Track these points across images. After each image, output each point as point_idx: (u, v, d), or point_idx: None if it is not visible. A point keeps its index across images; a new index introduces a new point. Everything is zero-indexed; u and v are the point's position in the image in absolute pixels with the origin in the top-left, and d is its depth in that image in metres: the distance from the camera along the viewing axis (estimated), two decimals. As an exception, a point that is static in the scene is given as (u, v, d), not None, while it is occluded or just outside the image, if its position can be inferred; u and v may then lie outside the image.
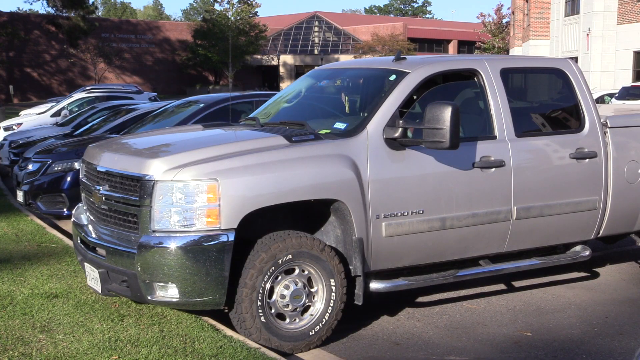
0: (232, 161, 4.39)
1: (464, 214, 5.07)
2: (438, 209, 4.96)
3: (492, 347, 4.84)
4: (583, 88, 5.79)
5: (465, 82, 5.58)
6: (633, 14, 30.80)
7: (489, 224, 5.20)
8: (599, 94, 24.72)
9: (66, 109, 16.76)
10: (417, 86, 5.10)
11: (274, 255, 4.44)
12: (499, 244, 5.36)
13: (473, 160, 5.10)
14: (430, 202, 4.92)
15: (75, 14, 43.09)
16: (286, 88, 6.78)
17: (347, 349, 4.76)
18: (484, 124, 5.38)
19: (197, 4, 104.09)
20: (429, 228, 4.93)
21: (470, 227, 5.12)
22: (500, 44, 53.22)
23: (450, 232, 5.04)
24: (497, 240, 5.32)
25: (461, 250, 5.21)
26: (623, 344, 4.89)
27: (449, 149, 4.62)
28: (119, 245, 4.56)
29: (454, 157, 4.96)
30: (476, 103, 5.52)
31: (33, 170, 8.87)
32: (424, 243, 4.98)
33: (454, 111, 4.55)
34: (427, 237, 4.96)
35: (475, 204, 5.11)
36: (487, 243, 5.30)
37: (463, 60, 5.80)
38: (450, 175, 5.00)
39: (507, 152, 5.24)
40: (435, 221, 4.95)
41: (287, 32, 64.76)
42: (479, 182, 5.13)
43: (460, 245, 5.17)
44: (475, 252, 5.30)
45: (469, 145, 5.11)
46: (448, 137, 4.55)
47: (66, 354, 4.22)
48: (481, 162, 5.13)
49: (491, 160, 5.16)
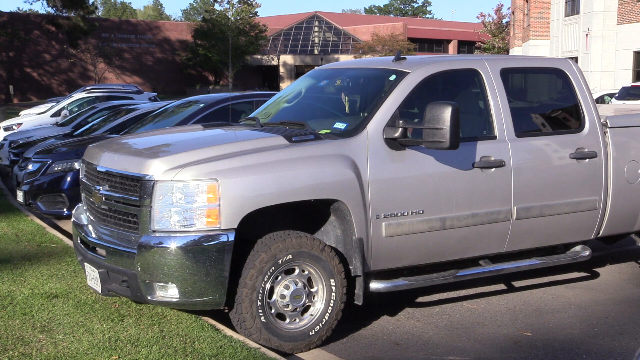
0: (232, 161, 4.39)
1: (464, 214, 5.07)
2: (438, 209, 4.96)
3: (492, 347, 4.84)
4: (583, 88, 5.79)
5: (465, 82, 5.57)
6: (633, 14, 30.79)
7: (489, 224, 5.20)
8: (599, 94, 24.71)
9: (66, 109, 16.75)
10: (417, 86, 5.10)
11: (274, 255, 4.44)
12: (499, 244, 5.36)
13: (473, 160, 5.10)
14: (430, 202, 4.92)
15: (75, 14, 43.09)
16: (286, 88, 6.78)
17: (347, 349, 4.76)
18: (484, 124, 5.38)
19: (197, 4, 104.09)
20: (429, 228, 4.93)
21: (470, 227, 5.12)
22: (500, 44, 53.20)
23: (450, 232, 5.04)
24: (498, 240, 5.32)
25: (461, 250, 5.21)
26: (623, 344, 4.89)
27: (449, 149, 4.62)
28: (119, 245, 4.56)
29: (454, 157, 4.96)
30: (476, 103, 5.52)
31: (33, 170, 8.87)
32: (424, 243, 4.98)
33: (454, 111, 4.55)
34: (427, 237, 4.96)
35: (475, 204, 5.11)
36: (488, 243, 5.30)
37: (463, 60, 5.79)
38: (450, 175, 5.00)
39: (507, 152, 5.24)
40: (436, 221, 4.95)
41: (287, 32, 64.75)
42: (479, 182, 5.13)
43: (461, 245, 5.17)
44: (475, 252, 5.30)
45: (469, 145, 5.11)
46: (448, 137, 4.55)
47: (66, 354, 4.22)
48: (481, 162, 5.13)
49: (491, 160, 5.16)
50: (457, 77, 5.55)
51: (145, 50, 57.98)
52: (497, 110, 5.32)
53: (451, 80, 5.55)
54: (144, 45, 57.94)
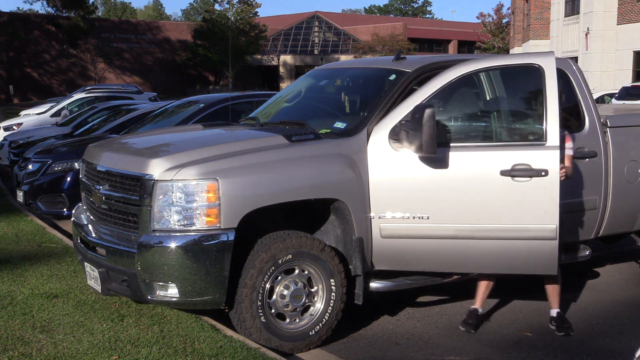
0: (232, 160, 4.39)
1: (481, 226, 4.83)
2: (446, 216, 4.78)
3: (492, 347, 4.84)
4: (583, 88, 5.78)
5: (465, 82, 5.55)
6: (633, 14, 30.79)
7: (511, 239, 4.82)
8: (599, 94, 24.71)
9: (66, 109, 16.75)
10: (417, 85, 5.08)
11: (274, 255, 4.43)
12: (524, 265, 4.96)
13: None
14: (437, 207, 4.81)
15: (75, 14, 43.16)
16: (286, 88, 6.78)
17: (347, 349, 4.76)
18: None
19: (197, 4, 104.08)
20: (432, 235, 4.85)
21: (488, 240, 4.77)
22: (500, 44, 53.19)
23: (460, 243, 4.80)
24: (520, 259, 4.92)
25: (477, 266, 4.93)
26: (623, 344, 4.89)
27: (423, 154, 4.45)
28: (119, 245, 4.55)
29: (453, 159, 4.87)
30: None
31: (33, 170, 8.87)
32: (426, 250, 4.87)
33: (430, 115, 4.34)
34: (430, 245, 4.87)
35: (493, 216, 4.76)
36: (509, 261, 4.88)
37: (462, 60, 5.77)
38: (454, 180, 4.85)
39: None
40: (441, 230, 4.86)
41: (287, 32, 64.73)
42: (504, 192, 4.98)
43: (479, 260, 4.86)
44: (488, 270, 5.02)
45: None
46: (423, 141, 4.36)
47: (66, 354, 4.22)
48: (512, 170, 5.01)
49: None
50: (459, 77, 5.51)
51: (145, 50, 57.97)
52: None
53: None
54: (144, 45, 57.93)
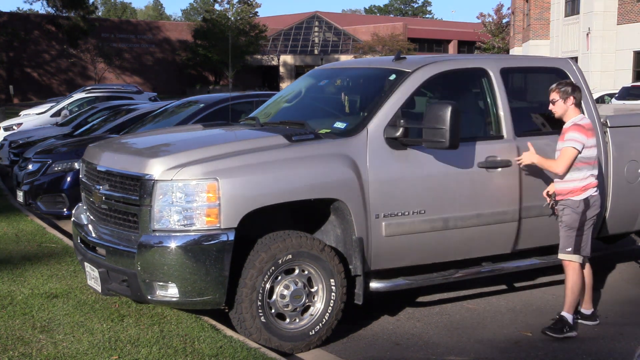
0: (232, 160, 4.39)
1: (467, 215, 5.05)
2: (440, 209, 4.95)
3: (492, 347, 4.84)
4: (583, 88, 5.78)
5: (464, 81, 5.57)
6: (633, 14, 30.78)
7: (494, 224, 5.18)
8: (599, 94, 24.68)
9: (66, 109, 16.76)
10: (418, 85, 5.09)
11: (274, 255, 4.43)
12: (505, 244, 5.33)
13: (476, 160, 5.09)
14: (431, 202, 4.91)
15: (75, 14, 43.11)
16: (286, 88, 6.78)
17: (347, 349, 4.76)
18: (486, 124, 5.38)
19: (197, 4, 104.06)
20: (430, 228, 4.92)
21: (474, 227, 5.10)
22: (500, 44, 53.17)
23: (452, 232, 5.02)
24: (503, 240, 5.29)
25: (465, 251, 5.19)
26: (623, 344, 4.89)
27: (448, 148, 4.62)
28: (119, 245, 4.55)
29: (456, 156, 4.95)
30: (477, 103, 5.52)
31: (33, 170, 8.87)
32: (425, 243, 4.97)
33: (454, 110, 4.55)
34: (428, 237, 4.95)
35: (479, 204, 5.10)
36: (493, 244, 5.28)
37: (462, 60, 5.78)
38: (452, 175, 4.99)
39: (513, 152, 5.23)
40: (437, 221, 4.94)
41: (287, 32, 64.73)
42: (483, 182, 5.12)
43: (463, 246, 5.16)
44: (479, 253, 5.28)
45: (471, 145, 5.10)
46: (448, 136, 4.55)
47: (66, 354, 4.22)
48: (485, 162, 5.11)
49: (497, 160, 5.15)
50: (456, 77, 5.53)
51: (145, 50, 57.96)
52: (497, 109, 5.31)
53: (451, 80, 5.53)
54: (144, 45, 57.92)
